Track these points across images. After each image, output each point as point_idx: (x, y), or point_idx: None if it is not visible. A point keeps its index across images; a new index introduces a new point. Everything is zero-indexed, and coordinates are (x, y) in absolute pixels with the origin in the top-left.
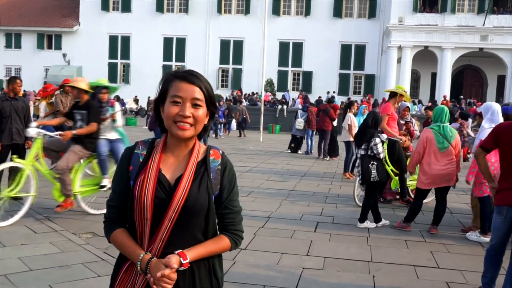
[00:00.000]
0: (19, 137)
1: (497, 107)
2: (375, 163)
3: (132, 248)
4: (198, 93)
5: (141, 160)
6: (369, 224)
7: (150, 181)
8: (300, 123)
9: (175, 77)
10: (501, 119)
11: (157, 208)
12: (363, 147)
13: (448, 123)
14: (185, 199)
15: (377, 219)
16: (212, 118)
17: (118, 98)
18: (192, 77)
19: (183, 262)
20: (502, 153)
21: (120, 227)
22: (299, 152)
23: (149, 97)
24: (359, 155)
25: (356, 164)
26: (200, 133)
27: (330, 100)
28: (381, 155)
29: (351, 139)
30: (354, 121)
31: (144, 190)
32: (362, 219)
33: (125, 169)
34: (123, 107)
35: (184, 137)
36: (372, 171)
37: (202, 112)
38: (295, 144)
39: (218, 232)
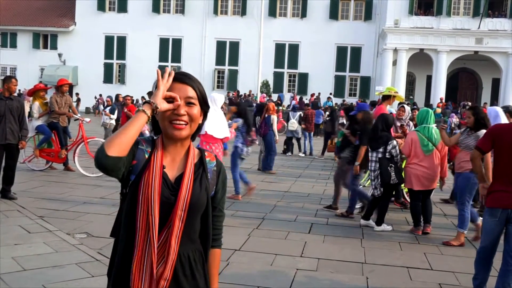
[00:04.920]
0: (13, 137)
1: None
2: (393, 165)
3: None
4: (191, 92)
5: (146, 156)
6: (385, 227)
7: (156, 178)
8: (292, 123)
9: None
10: None
11: (162, 205)
12: (380, 150)
13: (434, 125)
14: (190, 197)
15: (366, 216)
16: (205, 117)
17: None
18: (184, 77)
19: None
20: (497, 154)
21: None
22: (300, 153)
23: (142, 97)
24: (373, 158)
25: (372, 168)
26: (194, 132)
27: (373, 103)
28: (398, 157)
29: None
30: None
31: (150, 186)
32: (380, 222)
33: (129, 158)
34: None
35: (180, 137)
36: (392, 174)
37: (196, 110)
38: (287, 145)
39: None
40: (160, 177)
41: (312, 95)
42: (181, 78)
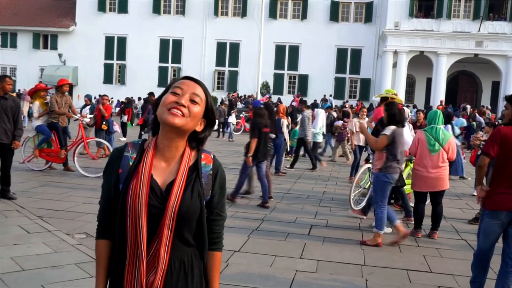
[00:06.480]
0: (6, 137)
1: None
2: None
3: (100, 273)
4: (198, 90)
5: (131, 163)
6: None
7: (143, 187)
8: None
9: (181, 79)
10: None
11: (151, 215)
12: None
13: (443, 126)
14: (179, 206)
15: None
16: (207, 128)
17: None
18: (196, 80)
19: None
20: (502, 157)
21: (105, 236)
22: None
23: (139, 98)
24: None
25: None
26: (198, 142)
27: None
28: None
29: (354, 143)
30: (357, 127)
31: (137, 196)
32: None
33: (115, 170)
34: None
35: (173, 123)
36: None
37: (198, 109)
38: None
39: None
40: (147, 186)
41: (298, 95)
42: (194, 79)
